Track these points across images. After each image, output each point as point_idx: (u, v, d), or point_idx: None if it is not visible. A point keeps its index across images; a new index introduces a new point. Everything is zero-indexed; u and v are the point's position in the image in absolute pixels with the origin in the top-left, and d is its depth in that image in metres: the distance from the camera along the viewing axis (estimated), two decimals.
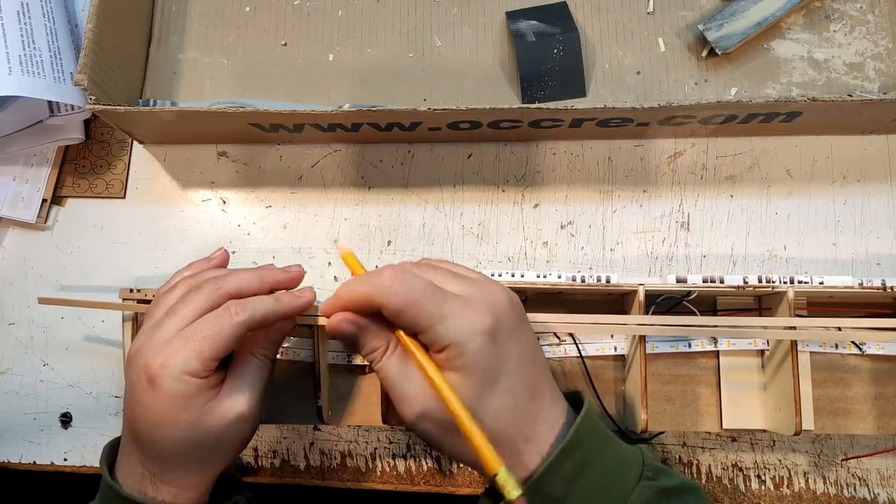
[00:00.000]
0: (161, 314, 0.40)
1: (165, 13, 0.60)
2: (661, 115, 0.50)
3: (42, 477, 0.55)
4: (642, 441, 0.51)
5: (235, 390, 0.40)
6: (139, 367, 0.39)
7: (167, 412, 0.38)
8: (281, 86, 0.58)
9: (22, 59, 0.52)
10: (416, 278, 0.36)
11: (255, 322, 0.39)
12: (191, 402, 0.38)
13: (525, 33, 0.56)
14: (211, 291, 0.40)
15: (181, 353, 0.38)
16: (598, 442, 0.37)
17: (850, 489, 0.50)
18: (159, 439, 0.39)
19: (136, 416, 0.39)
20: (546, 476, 0.35)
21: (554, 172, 0.56)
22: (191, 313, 0.39)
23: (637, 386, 0.46)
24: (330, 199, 0.57)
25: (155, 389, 0.38)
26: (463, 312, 0.35)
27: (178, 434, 0.38)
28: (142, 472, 0.40)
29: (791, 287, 0.46)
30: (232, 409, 0.39)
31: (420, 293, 0.35)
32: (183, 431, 0.38)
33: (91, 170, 0.58)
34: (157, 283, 0.48)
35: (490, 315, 0.35)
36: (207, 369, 0.38)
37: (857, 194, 0.54)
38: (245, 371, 0.41)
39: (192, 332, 0.38)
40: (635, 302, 0.46)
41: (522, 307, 0.39)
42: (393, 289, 0.36)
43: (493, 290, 0.37)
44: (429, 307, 0.35)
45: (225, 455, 0.41)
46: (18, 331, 0.56)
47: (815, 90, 0.55)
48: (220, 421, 0.39)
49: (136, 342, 0.40)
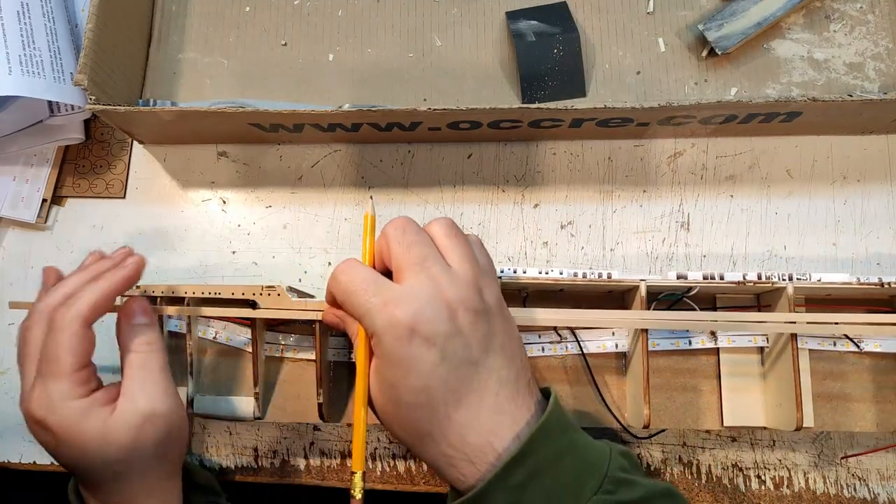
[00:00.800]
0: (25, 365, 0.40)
1: (165, 13, 0.60)
2: (661, 115, 0.50)
3: (42, 477, 0.55)
4: (644, 439, 0.51)
5: (130, 393, 0.40)
6: (30, 424, 0.39)
7: (74, 440, 0.38)
8: (281, 86, 0.58)
9: (22, 59, 0.52)
10: (361, 269, 0.38)
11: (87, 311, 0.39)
12: (86, 425, 0.38)
13: (525, 33, 0.56)
14: (39, 318, 0.40)
15: (47, 388, 0.38)
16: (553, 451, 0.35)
17: (850, 489, 0.50)
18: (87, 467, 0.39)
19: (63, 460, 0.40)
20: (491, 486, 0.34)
21: (554, 172, 0.56)
22: (34, 350, 0.39)
23: (639, 381, 0.46)
24: (330, 199, 0.57)
25: (51, 430, 0.38)
26: (386, 307, 0.35)
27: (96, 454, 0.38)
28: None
29: (790, 283, 0.46)
30: (132, 412, 0.39)
31: (357, 285, 0.37)
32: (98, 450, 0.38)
33: (91, 170, 0.58)
34: (157, 283, 0.48)
35: (412, 315, 0.35)
36: (80, 384, 0.39)
37: (857, 194, 0.54)
38: (133, 373, 0.41)
39: (42, 364, 0.39)
40: (637, 297, 0.46)
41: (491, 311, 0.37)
42: (337, 279, 0.38)
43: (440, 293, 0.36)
44: (361, 298, 0.36)
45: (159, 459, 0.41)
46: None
47: (815, 90, 0.55)
48: (126, 426, 0.39)
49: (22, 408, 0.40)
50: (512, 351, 0.38)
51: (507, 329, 0.38)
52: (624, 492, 0.36)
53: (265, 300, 0.47)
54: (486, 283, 0.38)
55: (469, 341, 0.36)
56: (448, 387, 0.35)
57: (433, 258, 0.37)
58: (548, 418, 0.36)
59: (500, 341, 0.37)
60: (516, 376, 0.37)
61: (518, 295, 0.50)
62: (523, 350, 0.39)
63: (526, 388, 0.37)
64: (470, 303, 0.36)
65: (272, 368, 0.51)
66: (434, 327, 0.35)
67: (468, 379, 0.36)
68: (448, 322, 0.35)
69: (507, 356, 0.37)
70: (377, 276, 0.37)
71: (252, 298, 0.47)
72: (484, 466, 0.35)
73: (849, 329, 0.47)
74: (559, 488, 0.35)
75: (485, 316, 0.37)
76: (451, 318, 0.36)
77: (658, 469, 0.51)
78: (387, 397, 0.36)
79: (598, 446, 0.37)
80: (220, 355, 0.52)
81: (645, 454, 0.51)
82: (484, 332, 0.37)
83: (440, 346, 0.35)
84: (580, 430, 0.38)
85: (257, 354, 0.49)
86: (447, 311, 0.36)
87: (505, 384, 0.37)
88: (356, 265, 0.38)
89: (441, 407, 0.35)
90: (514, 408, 0.36)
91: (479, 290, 0.37)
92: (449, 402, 0.35)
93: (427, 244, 0.38)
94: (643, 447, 0.51)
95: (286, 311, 0.47)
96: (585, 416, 0.50)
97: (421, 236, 0.38)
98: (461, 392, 0.36)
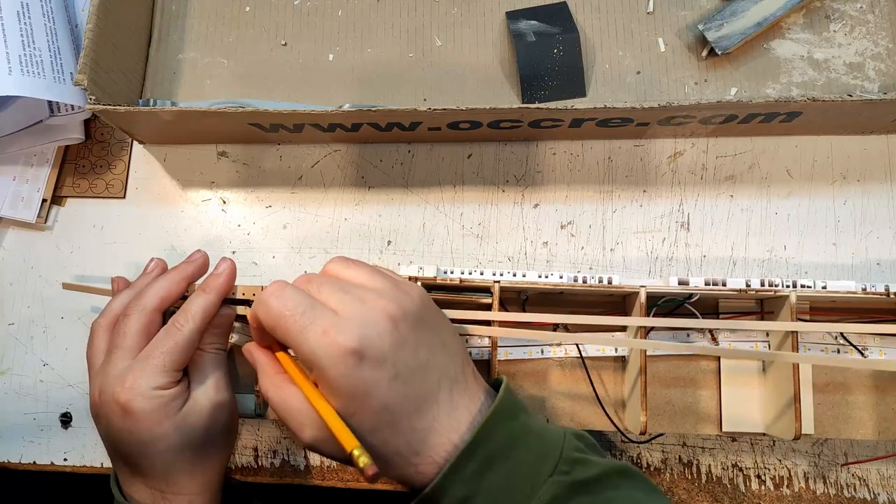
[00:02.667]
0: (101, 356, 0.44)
1: (165, 13, 0.60)
2: (661, 115, 0.50)
3: (42, 477, 0.55)
4: (643, 443, 0.51)
5: (202, 384, 0.43)
6: (108, 402, 0.41)
7: (151, 428, 0.41)
8: (281, 86, 0.58)
9: (22, 59, 0.52)
10: (293, 293, 0.36)
11: (202, 323, 0.43)
12: (168, 411, 0.41)
13: (525, 33, 0.56)
14: (138, 315, 0.43)
15: (145, 374, 0.41)
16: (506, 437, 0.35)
17: (850, 489, 0.50)
18: (154, 455, 0.41)
19: (123, 446, 0.42)
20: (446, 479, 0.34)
21: (554, 172, 0.56)
22: (132, 341, 0.43)
23: (637, 387, 0.46)
24: (330, 199, 0.57)
25: (131, 414, 0.41)
26: (328, 334, 0.34)
27: (169, 442, 0.41)
28: (150, 494, 0.42)
29: (794, 291, 0.45)
30: (206, 400, 0.43)
31: (290, 310, 0.35)
32: (173, 438, 0.41)
33: (91, 170, 0.58)
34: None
35: (357, 338, 0.34)
36: (174, 380, 0.42)
37: (857, 194, 0.54)
38: (204, 368, 0.44)
39: (148, 352, 0.42)
40: (637, 304, 0.46)
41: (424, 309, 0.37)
42: (267, 304, 0.36)
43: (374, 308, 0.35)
44: (295, 325, 0.34)
45: (218, 448, 0.44)
46: (18, 331, 0.56)
47: (815, 90, 0.55)
48: (200, 413, 0.42)
49: (93, 388, 0.43)
50: (452, 344, 0.38)
51: (442, 323, 0.39)
52: (579, 471, 0.36)
53: None
54: (405, 286, 0.38)
55: (415, 347, 0.35)
56: (407, 399, 0.35)
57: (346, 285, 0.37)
58: (499, 405, 0.36)
59: (440, 338, 0.37)
60: (462, 369, 0.37)
61: (518, 299, 0.50)
62: (461, 341, 0.39)
63: (473, 380, 0.38)
64: (404, 308, 0.36)
65: None
66: (380, 345, 0.34)
67: (421, 384, 0.35)
68: (392, 334, 0.35)
69: (450, 351, 0.37)
70: (312, 301, 0.35)
71: (252, 298, 0.47)
72: (443, 462, 0.35)
73: (852, 338, 0.46)
74: (515, 473, 0.35)
75: (420, 316, 0.36)
76: (393, 329, 0.35)
77: (658, 469, 0.51)
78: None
79: (551, 430, 0.37)
80: None
81: (645, 454, 0.51)
82: (424, 333, 0.36)
83: (391, 361, 0.34)
84: (533, 414, 0.38)
85: None
86: (388, 324, 0.35)
87: (455, 380, 0.37)
88: (287, 288, 0.36)
89: (404, 421, 0.35)
90: (467, 401, 0.36)
91: (405, 294, 0.37)
92: (411, 414, 0.35)
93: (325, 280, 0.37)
94: (643, 447, 0.51)
95: None
96: (583, 419, 0.50)
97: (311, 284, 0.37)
98: (419, 399, 0.35)
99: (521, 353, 0.50)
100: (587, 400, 0.50)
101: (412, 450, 0.35)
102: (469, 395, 0.37)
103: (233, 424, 0.45)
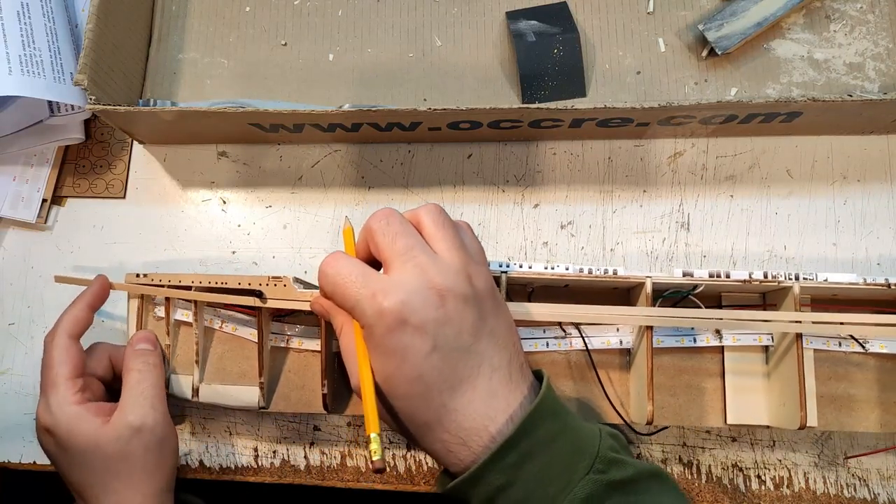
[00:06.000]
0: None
1: (165, 13, 0.60)
2: (661, 115, 0.50)
3: (42, 477, 0.55)
4: (646, 436, 0.51)
5: (125, 407, 0.45)
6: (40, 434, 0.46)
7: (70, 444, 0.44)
8: (281, 86, 0.58)
9: (22, 59, 0.52)
10: (346, 262, 0.38)
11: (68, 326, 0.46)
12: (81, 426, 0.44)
13: (525, 33, 0.56)
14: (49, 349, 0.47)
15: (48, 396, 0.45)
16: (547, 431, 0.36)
17: (850, 489, 0.50)
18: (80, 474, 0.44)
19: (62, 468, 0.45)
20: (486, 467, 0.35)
21: (554, 172, 0.56)
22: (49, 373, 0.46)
23: (643, 378, 0.46)
24: (330, 199, 0.57)
25: (53, 434, 0.44)
26: (374, 298, 0.36)
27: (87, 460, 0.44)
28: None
29: (797, 282, 0.46)
30: (123, 425, 0.44)
31: (344, 277, 0.37)
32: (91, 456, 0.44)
33: (91, 170, 0.58)
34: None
35: (400, 304, 0.35)
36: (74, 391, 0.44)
37: (857, 194, 0.54)
38: (128, 389, 0.46)
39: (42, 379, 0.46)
40: (642, 294, 0.46)
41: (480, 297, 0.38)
42: (324, 272, 0.38)
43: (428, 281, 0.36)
44: (350, 290, 0.37)
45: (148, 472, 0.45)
46: (18, 331, 0.56)
47: (815, 90, 0.55)
48: (116, 437, 0.44)
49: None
50: (503, 336, 0.38)
51: (498, 314, 0.39)
52: (615, 471, 0.36)
53: (271, 291, 0.47)
54: (475, 270, 0.38)
55: (460, 328, 0.36)
56: (442, 375, 0.36)
57: (419, 247, 0.37)
58: (541, 401, 0.36)
59: (490, 327, 0.38)
60: (508, 361, 0.38)
61: (524, 290, 0.50)
62: (516, 334, 0.40)
63: (518, 372, 0.38)
64: (459, 289, 0.36)
65: (277, 359, 0.51)
66: (424, 315, 0.35)
67: (461, 366, 0.36)
68: (438, 310, 0.36)
69: (499, 341, 0.38)
70: (364, 268, 0.37)
71: (258, 289, 0.47)
72: (479, 449, 0.36)
73: (854, 329, 0.46)
74: (552, 466, 0.36)
75: (474, 302, 0.37)
76: (440, 305, 0.36)
77: None
78: (382, 390, 0.37)
79: (588, 428, 0.38)
80: (226, 345, 0.52)
81: (645, 453, 0.51)
82: (474, 319, 0.37)
83: (432, 333, 0.35)
84: (571, 412, 0.39)
85: (263, 344, 0.49)
86: (436, 299, 0.36)
87: (497, 369, 0.37)
88: (342, 257, 0.38)
89: (436, 395, 0.36)
90: (507, 392, 0.37)
91: (468, 277, 0.37)
92: (444, 390, 0.36)
93: (411, 234, 0.38)
94: (644, 447, 0.51)
95: (292, 301, 0.47)
96: (589, 411, 0.50)
97: (405, 226, 0.38)
98: (455, 379, 0.36)
99: (527, 346, 0.50)
100: (592, 393, 0.50)
101: (442, 427, 0.36)
102: (511, 387, 0.37)
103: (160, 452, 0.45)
